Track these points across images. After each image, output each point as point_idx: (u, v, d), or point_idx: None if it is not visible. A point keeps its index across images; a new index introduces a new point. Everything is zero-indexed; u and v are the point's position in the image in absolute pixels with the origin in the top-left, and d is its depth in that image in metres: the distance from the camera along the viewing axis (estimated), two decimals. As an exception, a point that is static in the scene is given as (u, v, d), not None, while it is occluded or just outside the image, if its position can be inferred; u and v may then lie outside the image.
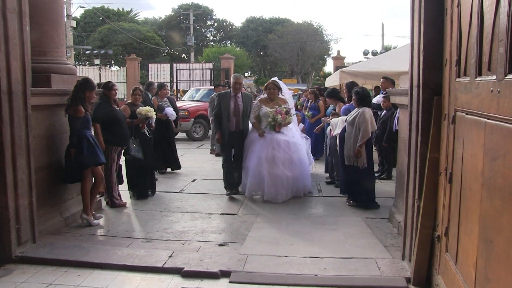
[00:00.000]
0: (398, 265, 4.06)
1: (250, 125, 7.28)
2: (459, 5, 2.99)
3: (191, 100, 16.53)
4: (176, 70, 24.70)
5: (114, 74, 27.77)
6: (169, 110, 8.77)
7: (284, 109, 6.98)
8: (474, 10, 2.65)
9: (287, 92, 7.81)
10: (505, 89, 2.12)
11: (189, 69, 25.43)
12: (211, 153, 11.87)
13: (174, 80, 23.81)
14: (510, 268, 1.99)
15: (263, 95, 7.53)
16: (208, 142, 13.43)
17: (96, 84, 5.81)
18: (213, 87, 15.62)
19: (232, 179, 7.18)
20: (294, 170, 6.93)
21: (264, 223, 5.61)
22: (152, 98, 8.73)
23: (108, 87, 6.23)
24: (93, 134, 5.68)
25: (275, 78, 7.57)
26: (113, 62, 39.98)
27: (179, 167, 9.18)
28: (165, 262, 4.13)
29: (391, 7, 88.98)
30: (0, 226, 4.13)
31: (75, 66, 18.92)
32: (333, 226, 5.46)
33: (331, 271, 3.95)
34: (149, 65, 27.48)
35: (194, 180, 8.29)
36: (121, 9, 50.62)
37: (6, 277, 3.88)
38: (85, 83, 5.45)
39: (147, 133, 6.94)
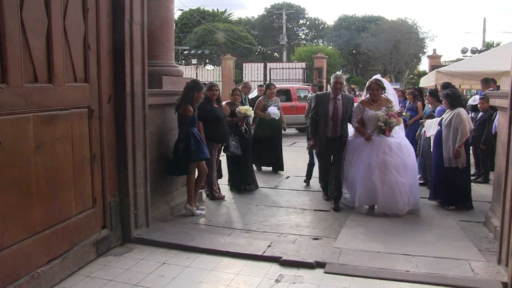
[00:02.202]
0: (494, 269, 4.05)
1: (350, 130, 6.64)
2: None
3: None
4: (270, 69, 25.29)
5: (210, 73, 29.10)
6: (272, 109, 8.68)
7: (396, 111, 6.25)
8: None
9: (391, 91, 6.93)
10: None
11: (282, 68, 25.93)
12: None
13: (268, 79, 24.35)
14: None
15: (364, 96, 6.71)
16: (300, 140, 13.71)
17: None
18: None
19: (328, 189, 6.74)
20: (409, 176, 6.17)
21: (356, 221, 5.76)
22: (260, 98, 8.97)
23: (208, 88, 6.74)
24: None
25: (378, 76, 6.77)
26: (207, 61, 41.79)
27: (281, 168, 9.10)
28: (264, 251, 4.49)
29: (495, 0, 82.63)
30: (122, 210, 4.76)
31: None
32: (425, 227, 5.49)
33: (422, 269, 4.06)
34: (244, 64, 28.41)
35: (288, 177, 8.60)
36: (215, 10, 52.61)
37: (128, 253, 4.50)
38: (194, 84, 5.96)
39: (244, 131, 7.40)
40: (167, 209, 5.93)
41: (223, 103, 7.31)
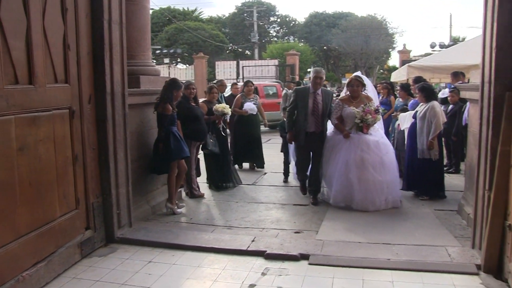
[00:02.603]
0: (468, 253, 4.25)
1: (329, 127, 6.61)
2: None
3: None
4: (243, 67, 25.37)
5: (182, 72, 28.96)
6: (249, 105, 8.66)
7: (373, 108, 6.21)
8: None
9: (371, 88, 6.95)
10: None
11: (255, 66, 26.06)
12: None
13: (241, 77, 24.41)
14: None
15: (344, 93, 6.73)
16: (275, 136, 13.83)
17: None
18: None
19: (305, 185, 6.75)
20: (387, 174, 6.13)
21: (335, 214, 5.87)
22: (237, 96, 8.96)
23: (186, 86, 6.75)
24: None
25: (358, 73, 6.78)
26: (179, 60, 41.53)
27: (262, 165, 9.09)
28: (249, 246, 4.56)
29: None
30: (105, 210, 4.74)
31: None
32: (403, 217, 5.67)
33: (403, 256, 4.21)
34: (216, 62, 28.40)
35: (265, 173, 8.68)
36: (186, 9, 52.31)
37: (113, 254, 4.50)
38: (173, 83, 5.98)
39: (221, 129, 7.45)
40: (148, 208, 5.93)
41: (200, 101, 7.34)
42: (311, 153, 6.58)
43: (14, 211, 3.47)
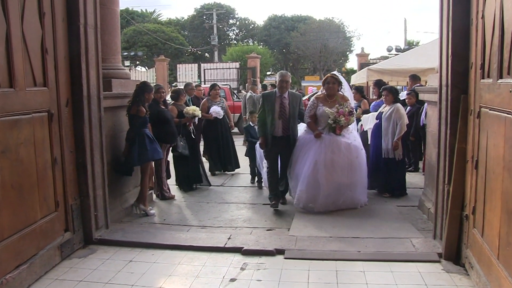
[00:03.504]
0: (431, 243, 4.60)
1: (299, 128, 6.53)
2: (483, 17, 3.51)
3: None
4: (204, 70, 25.41)
5: (143, 75, 28.67)
6: (215, 109, 8.55)
7: (347, 109, 6.10)
8: (496, 23, 3.17)
9: (347, 88, 6.80)
10: (521, 90, 2.66)
11: (216, 68, 26.15)
12: (244, 144, 12.41)
13: (202, 80, 24.46)
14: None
15: (321, 91, 6.59)
16: (238, 139, 14.03)
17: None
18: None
19: (278, 189, 6.48)
20: (353, 176, 6.12)
21: (304, 212, 6.06)
22: (204, 100, 8.88)
23: (156, 90, 6.85)
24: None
25: (335, 72, 6.63)
26: (137, 62, 40.99)
27: (238, 166, 9.03)
28: (226, 243, 4.75)
29: (413, 1, 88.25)
30: (83, 212, 4.80)
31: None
32: (369, 213, 5.98)
33: (372, 248, 4.52)
34: (178, 65, 28.33)
35: (233, 175, 8.85)
36: (144, 11, 51.69)
37: (93, 255, 4.56)
38: (145, 86, 6.08)
39: (192, 131, 7.58)
40: (121, 210, 5.99)
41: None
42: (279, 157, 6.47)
43: (-2, 213, 3.50)
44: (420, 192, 6.50)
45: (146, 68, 39.07)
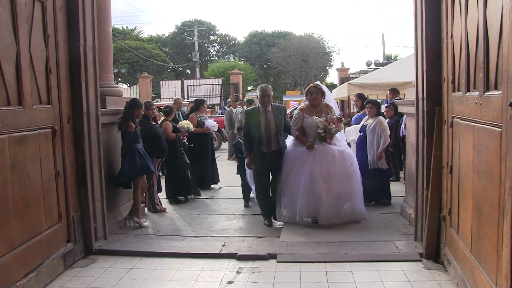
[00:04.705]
0: (412, 245, 4.96)
1: (287, 141, 6.44)
2: (452, 37, 3.92)
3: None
4: (187, 86, 25.74)
5: (127, 92, 28.82)
6: (210, 123, 8.87)
7: (335, 116, 6.05)
8: (463, 43, 3.58)
9: (330, 96, 6.71)
10: (484, 102, 3.05)
11: (199, 85, 26.52)
12: (228, 159, 12.74)
13: (186, 96, 24.75)
14: (493, 225, 2.87)
15: (304, 103, 6.49)
16: (221, 153, 14.36)
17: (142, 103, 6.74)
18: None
19: (270, 208, 6.30)
20: (351, 185, 6.01)
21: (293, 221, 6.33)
22: (191, 114, 8.95)
23: (147, 106, 7.12)
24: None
25: (318, 82, 6.52)
26: (119, 79, 41.08)
27: (216, 181, 9.20)
28: (221, 250, 5.02)
29: (390, 15, 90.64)
30: (83, 224, 5.02)
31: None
32: (354, 220, 6.29)
33: (358, 251, 4.87)
34: (161, 82, 28.65)
35: (220, 188, 9.08)
36: (125, 28, 51.90)
37: (94, 264, 4.78)
38: (134, 102, 6.34)
39: (183, 144, 7.91)
40: (115, 223, 6.18)
41: (160, 120, 7.76)
42: (269, 175, 6.32)
43: (9, 224, 3.72)
44: (401, 200, 6.86)
45: (128, 85, 39.21)
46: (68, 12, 4.81)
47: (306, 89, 6.46)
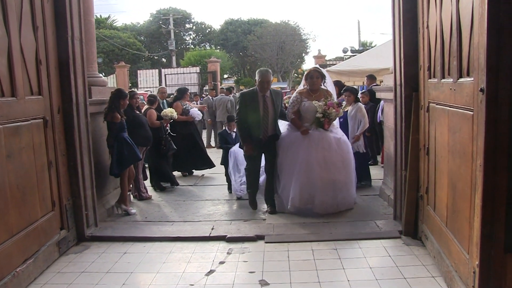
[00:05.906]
0: (392, 223, 5.28)
1: (282, 125, 6.24)
2: (428, 27, 4.17)
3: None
4: (165, 75, 25.63)
5: (103, 81, 28.47)
6: (194, 111, 9.14)
7: (336, 102, 5.87)
8: (438, 33, 3.83)
9: (330, 81, 6.51)
10: (458, 88, 3.32)
11: (177, 73, 26.45)
12: (207, 146, 12.80)
13: (164, 85, 24.66)
14: (467, 199, 3.15)
15: (303, 86, 6.27)
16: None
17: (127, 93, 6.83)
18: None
19: (268, 194, 6.19)
20: (347, 173, 5.90)
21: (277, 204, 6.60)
22: (175, 103, 9.05)
23: (131, 95, 7.21)
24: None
25: (317, 65, 6.28)
26: (95, 69, 40.42)
27: (210, 165, 9.15)
28: (210, 233, 5.23)
29: (366, 2, 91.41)
30: (76, 212, 5.14)
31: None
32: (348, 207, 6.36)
33: (342, 230, 5.14)
34: (138, 71, 28.43)
35: (203, 175, 9.23)
36: (99, 16, 50.92)
37: (87, 250, 4.93)
38: (119, 93, 6.41)
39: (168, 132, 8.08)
40: (104, 211, 6.30)
41: (144, 109, 7.86)
42: (260, 160, 6.21)
43: (7, 212, 3.83)
44: (380, 183, 7.15)
45: (103, 74, 38.66)
46: (55, 3, 4.88)
47: (305, 73, 6.27)
